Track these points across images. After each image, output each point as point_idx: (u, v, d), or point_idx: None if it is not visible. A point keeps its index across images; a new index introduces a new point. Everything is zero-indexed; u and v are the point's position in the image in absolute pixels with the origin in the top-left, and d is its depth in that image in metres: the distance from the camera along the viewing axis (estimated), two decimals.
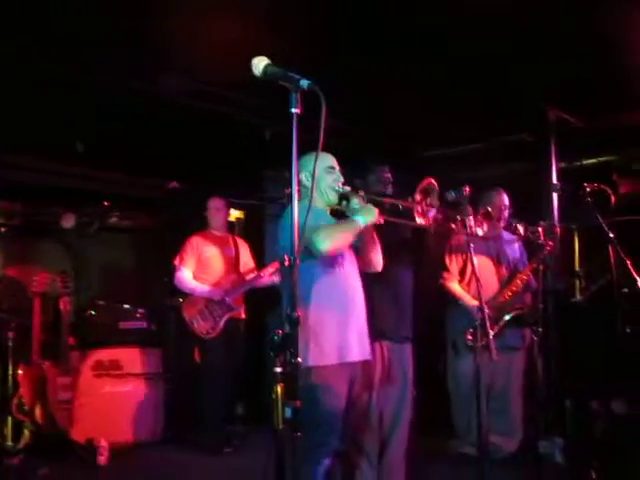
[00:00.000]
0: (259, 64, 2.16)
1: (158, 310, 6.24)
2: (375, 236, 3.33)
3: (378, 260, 3.39)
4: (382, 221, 3.15)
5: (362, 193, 3.22)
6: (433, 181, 3.09)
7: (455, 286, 4.89)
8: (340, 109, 2.13)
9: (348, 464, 3.51)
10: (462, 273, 4.92)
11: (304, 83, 2.08)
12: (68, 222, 6.20)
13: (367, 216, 3.09)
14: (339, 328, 3.09)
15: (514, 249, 5.03)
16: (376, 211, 3.11)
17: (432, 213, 3.11)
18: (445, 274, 4.91)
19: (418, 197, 3.06)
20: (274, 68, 2.14)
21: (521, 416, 4.97)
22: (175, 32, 3.96)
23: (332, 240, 3.03)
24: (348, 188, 3.23)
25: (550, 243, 4.39)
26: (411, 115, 5.14)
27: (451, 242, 4.95)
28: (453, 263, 4.92)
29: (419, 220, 3.08)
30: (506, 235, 4.99)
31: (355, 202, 3.19)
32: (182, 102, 4.93)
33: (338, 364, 3.07)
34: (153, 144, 5.51)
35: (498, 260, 4.92)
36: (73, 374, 5.27)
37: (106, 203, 6.48)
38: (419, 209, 3.06)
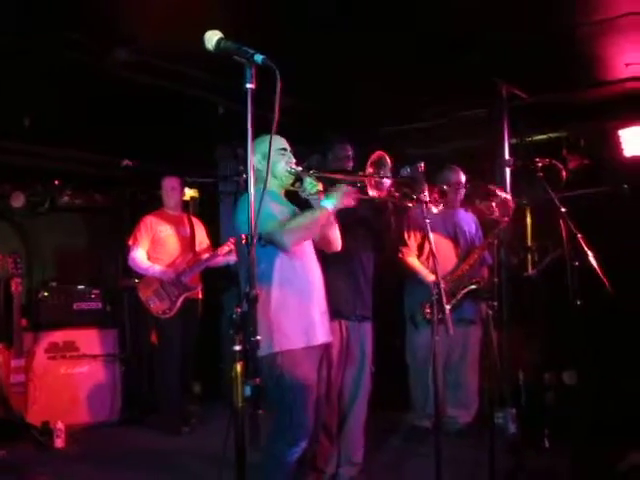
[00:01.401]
0: (212, 38, 2.11)
1: (113, 291, 6.17)
2: (332, 215, 3.32)
3: (337, 239, 3.38)
4: (354, 203, 3.12)
5: (313, 172, 3.21)
6: (384, 153, 3.08)
7: (413, 260, 4.93)
8: (293, 85, 2.08)
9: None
10: (420, 248, 4.96)
11: (258, 58, 2.05)
12: (17, 201, 6.06)
13: (335, 200, 3.05)
14: (302, 312, 3.09)
15: (470, 225, 5.11)
16: (345, 191, 3.07)
17: (386, 185, 3.10)
18: (404, 249, 4.95)
19: (370, 170, 3.06)
20: (227, 42, 2.10)
21: (476, 388, 5.07)
22: (125, 3, 3.86)
23: (298, 237, 3.06)
24: (300, 168, 3.21)
25: (504, 219, 4.45)
26: (367, 92, 5.13)
27: (409, 218, 5.00)
28: (412, 238, 4.96)
29: (372, 192, 3.07)
30: (462, 212, 5.06)
31: (308, 181, 3.17)
32: (134, 77, 4.81)
33: (305, 347, 3.07)
34: (106, 121, 5.39)
35: (455, 236, 4.98)
36: (27, 356, 5.19)
37: (57, 182, 6.33)
38: (372, 182, 3.05)
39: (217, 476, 2.48)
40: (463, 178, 4.94)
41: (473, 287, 4.77)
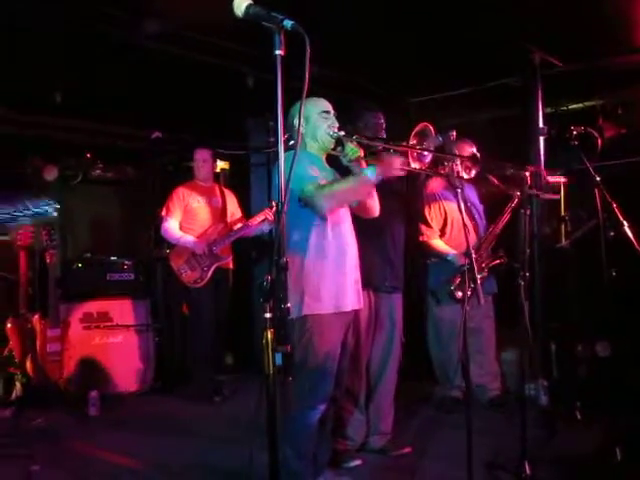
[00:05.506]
0: (241, 4, 2.10)
1: (145, 261, 6.23)
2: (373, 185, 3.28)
3: (375, 206, 3.36)
4: (403, 173, 3.08)
5: (356, 137, 3.18)
6: (428, 124, 3.04)
7: (438, 243, 4.86)
8: (321, 53, 2.04)
9: (337, 408, 3.55)
10: (442, 227, 4.89)
11: (288, 23, 2.02)
12: (50, 175, 6.13)
13: (379, 169, 3.02)
14: (336, 278, 3.10)
15: (475, 198, 5.02)
16: (395, 162, 3.04)
17: (428, 157, 3.07)
18: (425, 230, 4.87)
19: (413, 141, 3.02)
20: (256, 8, 2.08)
21: (494, 356, 5.04)
22: None
23: (335, 202, 3.03)
24: (342, 133, 3.18)
25: (517, 192, 4.38)
26: (398, 62, 5.06)
27: (426, 192, 4.91)
28: (434, 220, 4.87)
29: (414, 165, 3.04)
30: (467, 186, 4.94)
31: (349, 147, 3.15)
32: (164, 49, 4.81)
33: (334, 313, 3.08)
34: (135, 94, 5.40)
35: (469, 210, 4.91)
36: (62, 326, 5.28)
37: (89, 155, 6.40)
38: (414, 153, 3.02)
39: (249, 443, 2.49)
40: (474, 150, 4.84)
41: (497, 262, 4.73)
